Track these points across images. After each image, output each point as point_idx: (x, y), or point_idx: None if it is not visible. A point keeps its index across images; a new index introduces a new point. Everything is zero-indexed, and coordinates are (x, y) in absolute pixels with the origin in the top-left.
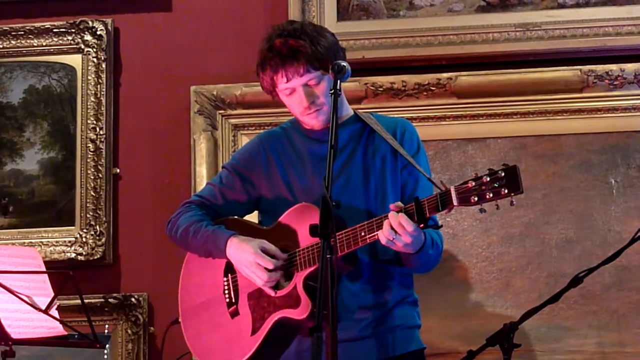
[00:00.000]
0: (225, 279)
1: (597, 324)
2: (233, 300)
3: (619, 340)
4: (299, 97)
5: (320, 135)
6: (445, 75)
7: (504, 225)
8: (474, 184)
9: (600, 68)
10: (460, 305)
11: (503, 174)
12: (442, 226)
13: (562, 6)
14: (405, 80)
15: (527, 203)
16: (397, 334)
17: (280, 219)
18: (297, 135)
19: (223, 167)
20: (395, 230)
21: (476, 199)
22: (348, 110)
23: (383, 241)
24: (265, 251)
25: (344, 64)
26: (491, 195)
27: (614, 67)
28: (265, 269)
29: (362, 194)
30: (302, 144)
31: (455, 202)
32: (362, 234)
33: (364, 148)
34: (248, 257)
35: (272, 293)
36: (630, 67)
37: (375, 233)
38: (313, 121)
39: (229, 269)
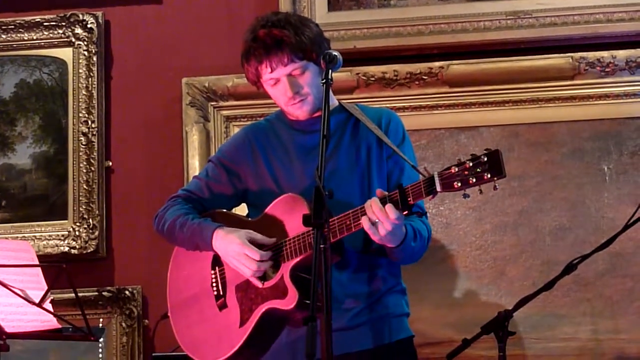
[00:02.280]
0: (212, 271)
1: (591, 311)
2: (221, 293)
3: (613, 327)
4: (283, 87)
5: (305, 126)
6: (437, 64)
7: (498, 214)
8: (457, 169)
9: (591, 55)
10: (454, 294)
11: (486, 159)
12: (426, 213)
13: None
14: (397, 70)
15: (520, 191)
16: (386, 322)
17: (266, 210)
18: (282, 126)
19: (209, 161)
20: (378, 216)
21: (459, 184)
22: (333, 100)
23: (366, 226)
24: (252, 241)
25: (336, 53)
26: (474, 180)
27: (605, 54)
28: (253, 259)
29: (348, 184)
30: (287, 135)
31: (438, 188)
32: (348, 222)
33: (350, 138)
34: (235, 248)
35: (259, 284)
36: (621, 53)
37: (361, 220)
38: (298, 111)
39: (217, 261)
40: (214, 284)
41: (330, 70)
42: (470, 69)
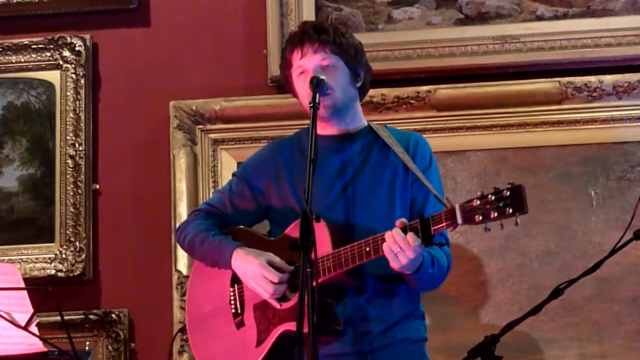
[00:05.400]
0: (231, 289)
1: (578, 335)
2: (239, 311)
3: (600, 352)
4: (309, 78)
5: (331, 144)
6: (424, 88)
7: (484, 238)
8: (478, 202)
9: (579, 80)
10: (441, 318)
11: (508, 193)
12: (447, 243)
13: (540, 18)
14: (384, 94)
15: None
16: (403, 347)
17: (286, 231)
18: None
19: (233, 175)
20: (400, 244)
21: (481, 217)
22: (362, 121)
23: (387, 254)
24: (271, 264)
25: (323, 77)
26: (496, 214)
27: (592, 79)
28: (271, 281)
29: (371, 208)
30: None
31: (459, 221)
32: (367, 249)
33: (375, 161)
34: (254, 270)
35: (277, 305)
36: (608, 78)
37: (382, 248)
38: (318, 106)
39: (236, 279)
40: (232, 302)
41: (317, 95)
42: (458, 93)
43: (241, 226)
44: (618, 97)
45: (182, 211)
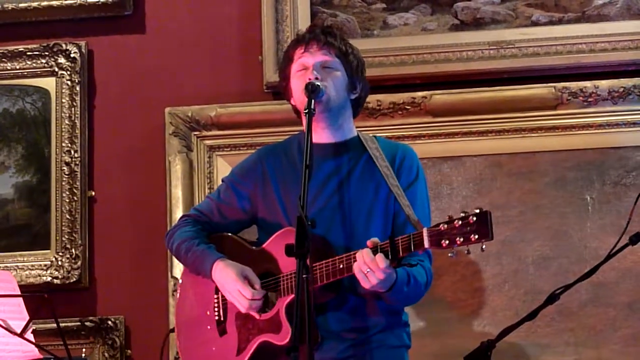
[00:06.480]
0: (215, 296)
1: (574, 340)
2: (222, 319)
3: (596, 357)
4: (308, 74)
5: (320, 153)
6: (419, 94)
7: None
8: (445, 226)
9: (574, 85)
10: (436, 324)
11: (474, 219)
12: (417, 264)
13: (535, 24)
14: (380, 100)
15: (503, 221)
16: (383, 353)
17: (267, 242)
18: (299, 150)
19: (222, 181)
20: (369, 266)
21: (447, 242)
22: (352, 132)
23: (357, 274)
24: (248, 279)
25: (318, 83)
26: (461, 240)
27: (588, 84)
28: (245, 297)
29: (351, 221)
30: (301, 160)
31: (426, 245)
32: (341, 266)
33: (361, 173)
34: (230, 284)
35: (257, 316)
36: (604, 83)
37: (353, 268)
38: (314, 112)
39: None
40: (216, 309)
41: (312, 101)
42: (453, 98)
43: (228, 234)
44: (613, 102)
45: (178, 218)
